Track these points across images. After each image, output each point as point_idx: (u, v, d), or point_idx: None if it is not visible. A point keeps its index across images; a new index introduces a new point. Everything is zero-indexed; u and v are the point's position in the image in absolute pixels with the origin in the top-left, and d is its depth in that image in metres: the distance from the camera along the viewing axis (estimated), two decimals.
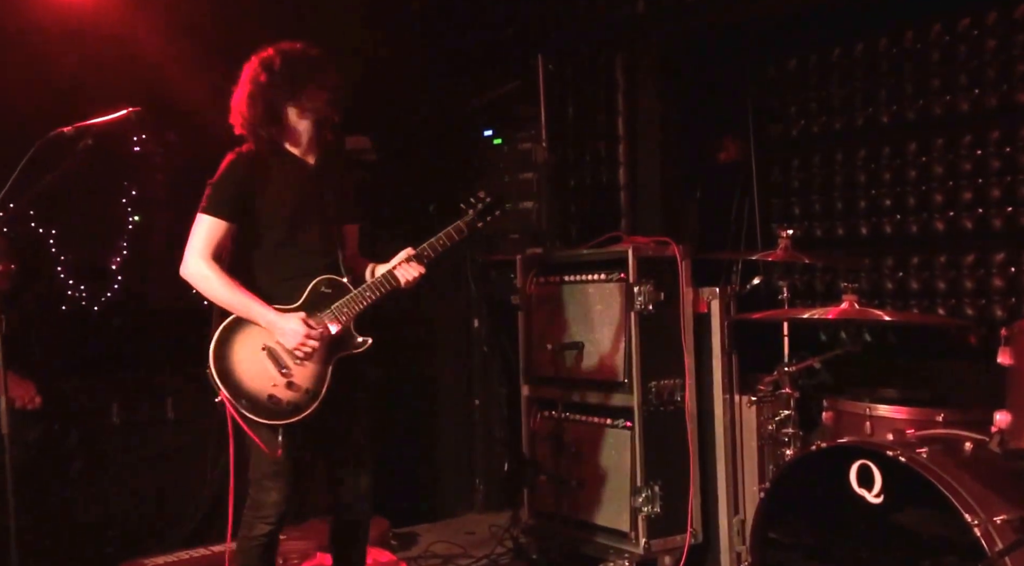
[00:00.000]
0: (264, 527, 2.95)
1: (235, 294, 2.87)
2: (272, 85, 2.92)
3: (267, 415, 2.86)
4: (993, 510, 2.51)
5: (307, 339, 2.87)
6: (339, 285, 2.98)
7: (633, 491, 3.81)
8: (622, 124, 4.56)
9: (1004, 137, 3.82)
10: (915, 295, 4.07)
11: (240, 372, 2.87)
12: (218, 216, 2.90)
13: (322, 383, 2.92)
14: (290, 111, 2.96)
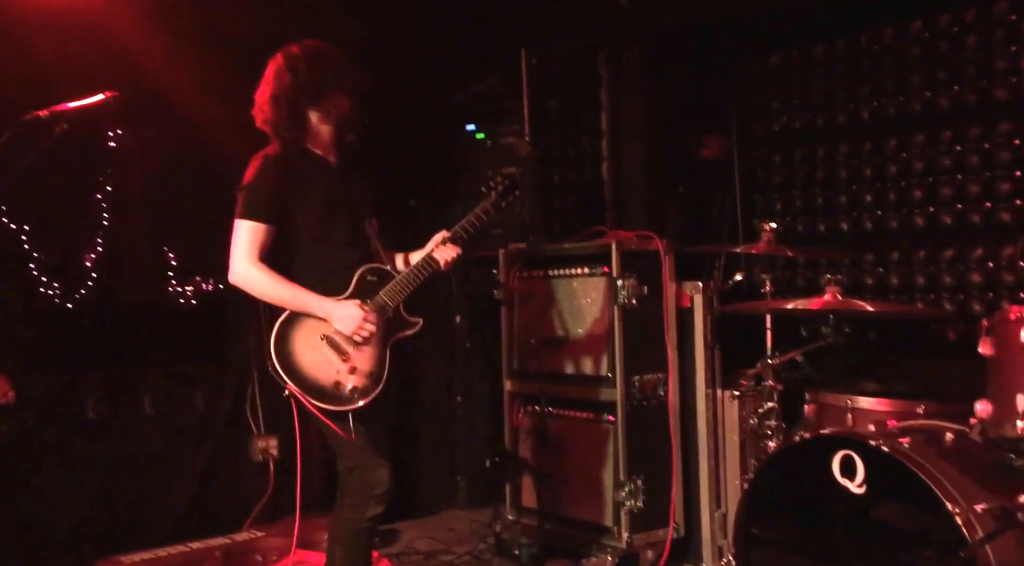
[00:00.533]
0: (378, 507, 2.98)
1: (289, 289, 2.93)
2: (296, 88, 2.97)
3: (336, 402, 2.91)
4: (974, 499, 2.53)
5: (365, 322, 2.93)
6: (383, 272, 3.07)
7: (616, 486, 3.81)
8: (606, 119, 4.57)
9: (983, 133, 3.86)
10: (895, 290, 4.11)
11: (304, 364, 2.91)
12: (257, 220, 2.92)
13: (383, 365, 3.00)
14: (312, 115, 3.03)
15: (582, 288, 3.97)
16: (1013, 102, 3.77)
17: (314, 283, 2.96)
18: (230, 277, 2.96)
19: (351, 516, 3.00)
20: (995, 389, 2.49)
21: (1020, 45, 3.73)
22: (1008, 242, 3.76)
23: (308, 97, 2.98)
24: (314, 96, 2.99)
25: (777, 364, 3.39)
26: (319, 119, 3.04)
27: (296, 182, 2.97)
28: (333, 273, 2.99)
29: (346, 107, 3.05)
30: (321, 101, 3.00)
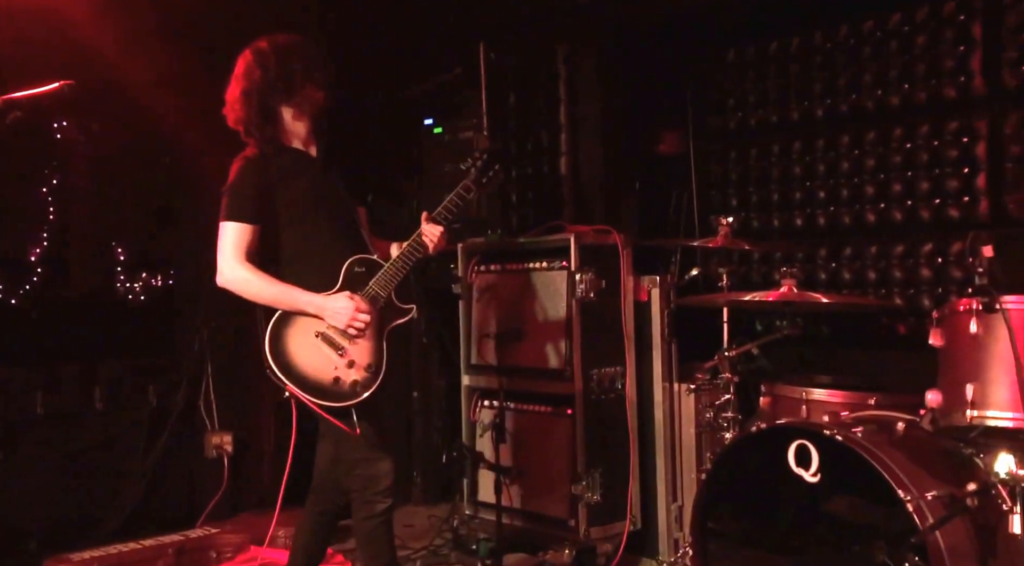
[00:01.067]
0: (385, 502, 2.96)
1: (278, 288, 2.89)
2: (266, 85, 2.92)
3: (337, 398, 2.87)
4: (924, 486, 2.58)
5: (358, 314, 2.89)
6: (371, 262, 3.03)
7: (574, 479, 3.83)
8: (564, 114, 4.57)
9: (932, 131, 3.94)
10: (847, 285, 4.17)
11: (300, 363, 2.87)
12: (241, 220, 2.89)
13: (381, 356, 2.96)
14: (285, 112, 2.99)
15: (540, 282, 3.98)
16: (961, 101, 3.86)
17: (304, 279, 2.93)
18: (218, 280, 2.91)
19: (362, 515, 2.97)
20: (945, 379, 2.55)
21: (968, 45, 3.82)
22: (956, 238, 3.84)
23: (279, 94, 2.93)
24: (286, 92, 2.94)
25: (733, 357, 3.43)
26: (293, 116, 3.00)
27: (277, 179, 2.93)
28: (322, 267, 2.95)
29: (320, 100, 3.00)
30: (294, 97, 2.96)
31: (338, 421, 2.85)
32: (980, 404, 2.42)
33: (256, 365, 4.74)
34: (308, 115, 3.02)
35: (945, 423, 2.52)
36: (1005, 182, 3.75)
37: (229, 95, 2.97)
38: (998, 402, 2.40)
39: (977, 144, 3.82)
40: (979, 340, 2.45)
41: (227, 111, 2.97)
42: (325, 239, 2.98)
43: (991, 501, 2.53)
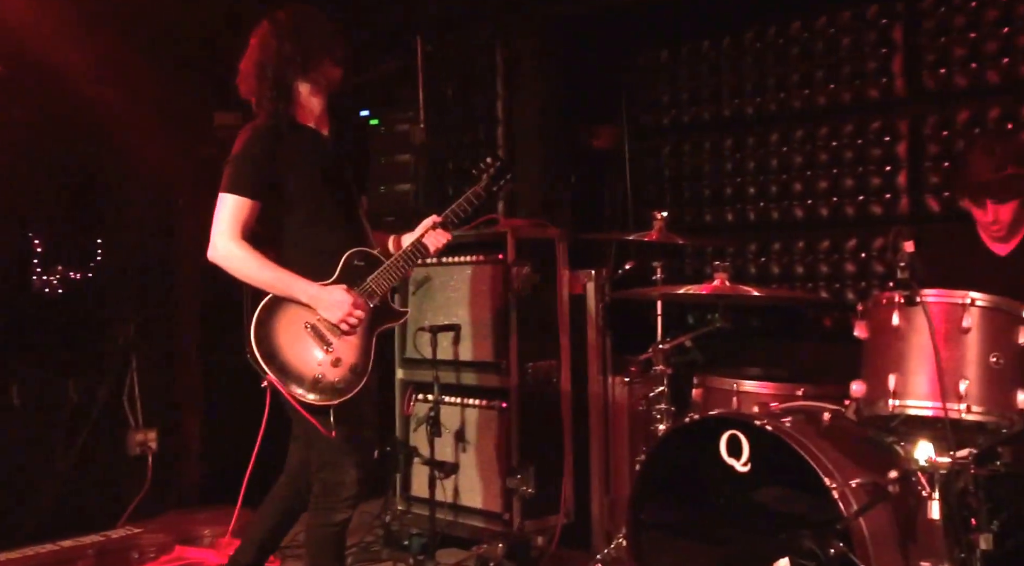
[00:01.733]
0: (347, 512, 2.85)
1: (273, 272, 2.75)
2: (283, 58, 2.79)
3: (317, 396, 2.74)
4: (849, 474, 2.66)
5: (354, 309, 2.77)
6: (371, 257, 2.91)
7: (508, 472, 3.84)
8: (501, 108, 4.59)
9: (856, 130, 4.06)
10: (776, 279, 4.28)
11: (285, 353, 2.73)
12: (243, 195, 2.74)
13: (368, 358, 2.84)
14: (301, 87, 2.86)
15: (476, 275, 3.98)
16: (883, 102, 3.98)
17: (301, 265, 2.79)
18: (210, 253, 2.76)
19: (318, 521, 2.86)
20: (869, 370, 2.61)
21: (890, 48, 3.94)
22: (879, 234, 3.97)
23: (296, 67, 2.80)
24: (303, 66, 2.81)
25: (667, 350, 3.47)
26: (309, 91, 2.86)
27: (288, 156, 2.79)
28: (322, 255, 2.82)
29: (337, 77, 2.89)
30: (310, 71, 2.83)
31: (314, 419, 2.73)
32: (901, 394, 2.49)
33: (184, 361, 4.70)
34: (324, 92, 2.89)
35: (869, 413, 2.58)
36: (925, 180, 3.88)
37: (243, 65, 2.84)
38: (918, 392, 2.47)
39: (898, 143, 3.95)
40: (900, 332, 2.52)
41: (239, 82, 2.85)
42: (328, 226, 2.85)
43: (912, 488, 2.61)
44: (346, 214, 2.91)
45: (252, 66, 2.82)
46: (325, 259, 2.82)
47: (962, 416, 2.42)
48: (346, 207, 2.91)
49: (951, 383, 2.43)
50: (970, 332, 2.46)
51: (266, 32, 2.83)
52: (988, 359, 2.45)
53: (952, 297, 2.50)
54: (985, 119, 3.72)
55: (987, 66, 3.71)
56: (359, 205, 2.99)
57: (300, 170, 2.82)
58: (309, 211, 2.83)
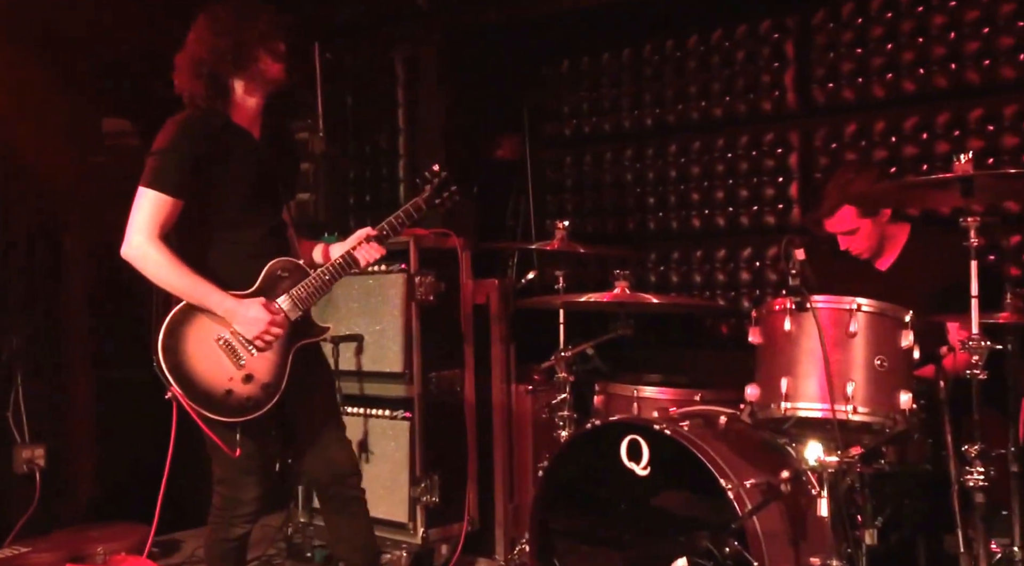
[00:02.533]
0: (244, 527, 2.74)
1: (188, 279, 2.59)
2: (217, 54, 2.64)
3: (224, 412, 2.61)
4: (744, 475, 2.73)
5: (271, 326, 2.64)
6: (296, 268, 2.76)
7: (412, 482, 3.82)
8: (402, 117, 4.57)
9: (751, 142, 4.18)
10: (675, 287, 4.37)
11: (193, 366, 2.59)
12: (164, 192, 2.58)
13: (282, 375, 2.69)
14: (236, 85, 2.71)
15: (379, 285, 3.95)
16: (776, 114, 4.12)
17: (221, 272, 2.65)
18: (123, 250, 2.60)
19: (217, 536, 2.77)
20: (762, 375, 2.69)
21: (782, 62, 4.08)
22: (772, 243, 4.09)
23: (230, 65, 2.65)
24: (237, 63, 2.65)
25: (569, 357, 3.51)
26: (244, 89, 2.71)
27: (216, 155, 2.64)
28: (245, 263, 2.69)
29: (277, 75, 2.73)
30: (247, 68, 2.67)
31: (217, 438, 2.63)
32: (793, 396, 2.57)
33: (74, 374, 4.51)
34: (261, 91, 2.74)
35: (763, 415, 2.66)
36: (815, 191, 4.02)
37: (178, 59, 2.69)
38: (808, 394, 2.56)
39: (790, 155, 4.09)
40: (792, 337, 2.61)
41: (174, 75, 2.69)
42: (252, 233, 2.71)
43: (802, 487, 2.71)
44: (272, 221, 2.79)
45: (187, 61, 2.68)
46: (247, 267, 2.70)
47: (849, 417, 2.51)
48: (273, 214, 2.79)
49: (839, 385, 2.52)
50: (856, 336, 2.56)
51: (202, 25, 2.70)
52: (873, 362, 2.55)
53: (840, 303, 2.60)
54: (871, 131, 3.88)
55: (873, 81, 3.87)
56: (285, 214, 2.86)
57: (227, 171, 2.67)
58: (233, 215, 2.70)
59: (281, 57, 2.74)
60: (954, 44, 3.67)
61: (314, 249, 2.94)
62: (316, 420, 2.87)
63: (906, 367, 2.60)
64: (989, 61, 3.59)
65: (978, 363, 2.47)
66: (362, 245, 2.82)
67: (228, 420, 2.64)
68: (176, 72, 2.71)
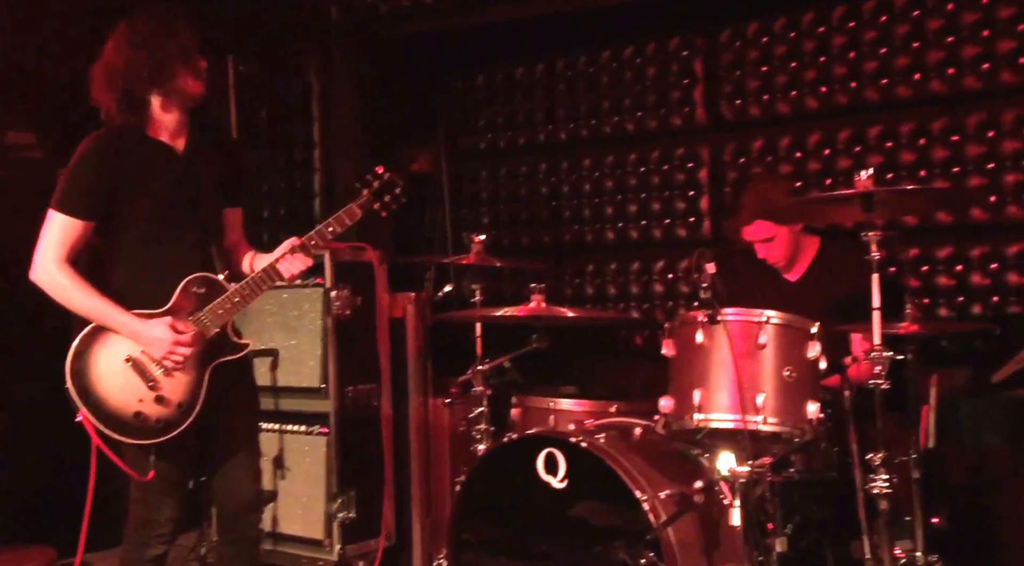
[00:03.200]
0: (160, 547, 2.65)
1: (93, 301, 2.54)
2: (134, 68, 2.54)
3: (134, 434, 2.54)
4: (658, 486, 2.77)
5: (176, 347, 2.55)
6: (213, 283, 2.67)
7: (328, 498, 3.77)
8: (318, 130, 4.53)
9: (662, 156, 4.27)
10: (591, 299, 4.43)
11: (102, 388, 2.54)
12: (73, 214, 2.53)
13: (197, 395, 2.61)
14: (153, 99, 2.61)
15: (294, 300, 3.89)
16: (686, 129, 4.22)
17: (134, 290, 2.59)
18: (31, 274, 2.54)
19: (131, 556, 2.68)
20: (675, 386, 2.74)
21: (692, 79, 4.18)
22: (684, 256, 4.18)
23: (145, 80, 2.56)
24: (154, 78, 2.56)
25: (486, 371, 3.52)
26: (161, 104, 2.62)
27: (127, 171, 2.57)
28: (158, 279, 2.61)
29: (195, 91, 2.64)
30: (163, 84, 2.58)
31: (126, 463, 2.57)
32: (705, 408, 2.61)
33: None
34: (179, 106, 2.64)
35: (676, 427, 2.70)
36: (724, 204, 4.14)
37: (94, 70, 2.60)
38: (720, 405, 2.61)
39: (700, 170, 4.19)
40: (704, 349, 2.65)
41: (91, 86, 2.61)
42: (167, 249, 2.64)
43: (715, 497, 2.77)
44: (194, 236, 2.69)
45: (102, 72, 2.60)
46: (162, 283, 2.63)
47: (759, 427, 2.57)
48: (195, 228, 2.70)
49: (749, 397, 2.58)
50: (766, 348, 2.62)
51: (120, 37, 2.61)
52: (782, 373, 2.61)
53: (749, 315, 2.66)
54: (777, 147, 4.00)
55: (778, 98, 3.99)
56: (211, 227, 2.75)
57: (140, 187, 2.60)
58: (147, 231, 2.63)
59: (201, 74, 2.68)
60: (853, 63, 3.81)
61: (244, 259, 2.87)
62: (232, 445, 2.81)
63: (813, 377, 2.67)
64: (886, 80, 3.74)
65: (881, 373, 2.56)
66: (286, 256, 2.72)
67: (138, 443, 2.58)
68: (92, 83, 2.64)
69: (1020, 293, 3.56)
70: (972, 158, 3.60)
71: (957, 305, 3.67)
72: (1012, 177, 3.53)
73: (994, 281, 3.60)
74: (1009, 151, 3.54)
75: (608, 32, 4.33)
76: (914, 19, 3.68)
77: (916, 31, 3.68)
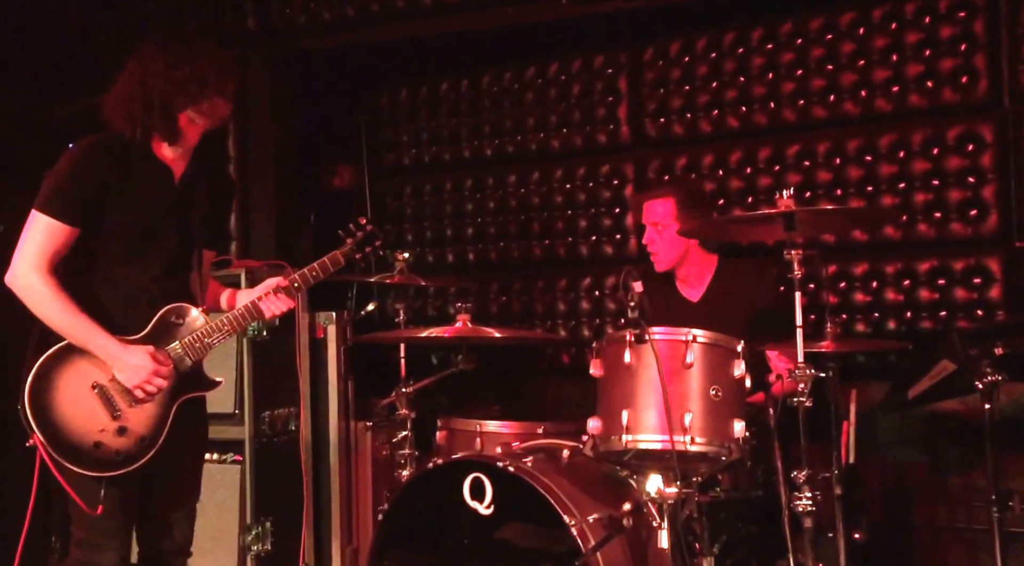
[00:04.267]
0: None
1: (73, 317, 2.40)
2: (172, 86, 2.45)
3: (90, 465, 2.39)
4: (587, 510, 2.72)
5: (154, 377, 2.42)
6: (191, 315, 2.55)
7: (242, 529, 3.62)
8: (232, 144, 4.39)
9: (588, 173, 4.26)
10: (518, 317, 4.38)
11: (62, 413, 2.39)
12: (60, 219, 2.39)
13: (161, 429, 2.47)
14: (184, 117, 2.51)
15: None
16: (611, 146, 4.21)
17: (109, 311, 2.45)
18: (7, 278, 2.39)
19: None
20: (603, 407, 2.69)
21: (616, 96, 4.18)
22: (611, 273, 4.16)
23: (186, 97, 2.48)
24: (194, 96, 2.49)
25: (410, 393, 3.43)
26: (189, 122, 2.53)
27: (123, 182, 2.45)
28: (133, 303, 2.49)
29: (224, 114, 2.60)
30: (200, 103, 2.51)
31: (75, 493, 2.41)
32: (633, 428, 2.57)
33: None
34: (206, 126, 2.58)
35: (604, 448, 2.66)
36: None
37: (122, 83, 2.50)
38: (648, 426, 2.57)
39: (625, 186, 4.18)
40: (632, 369, 2.62)
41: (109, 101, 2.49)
42: (146, 272, 2.51)
43: (644, 519, 2.72)
44: (175, 263, 2.59)
45: (135, 84, 2.48)
46: (138, 309, 2.51)
47: (687, 447, 2.54)
48: (176, 256, 2.59)
49: (677, 417, 2.54)
50: (692, 367, 2.59)
51: (149, 59, 2.51)
52: (709, 392, 2.59)
53: (676, 334, 2.63)
54: (700, 164, 4.02)
55: (700, 116, 4.02)
56: (192, 258, 2.65)
57: (130, 202, 2.49)
58: (130, 250, 2.51)
59: (231, 97, 2.61)
60: (772, 84, 3.87)
61: (221, 295, 2.77)
62: (177, 484, 2.68)
63: (739, 396, 2.66)
64: (803, 101, 3.81)
65: (804, 391, 2.56)
66: (269, 296, 2.64)
67: (93, 474, 2.43)
68: (118, 99, 2.51)
69: (931, 309, 3.64)
70: (885, 177, 3.69)
71: (873, 321, 3.72)
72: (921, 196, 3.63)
73: (907, 297, 3.67)
74: (919, 171, 3.63)
75: (533, 49, 4.31)
76: (828, 42, 3.76)
77: (830, 54, 3.76)
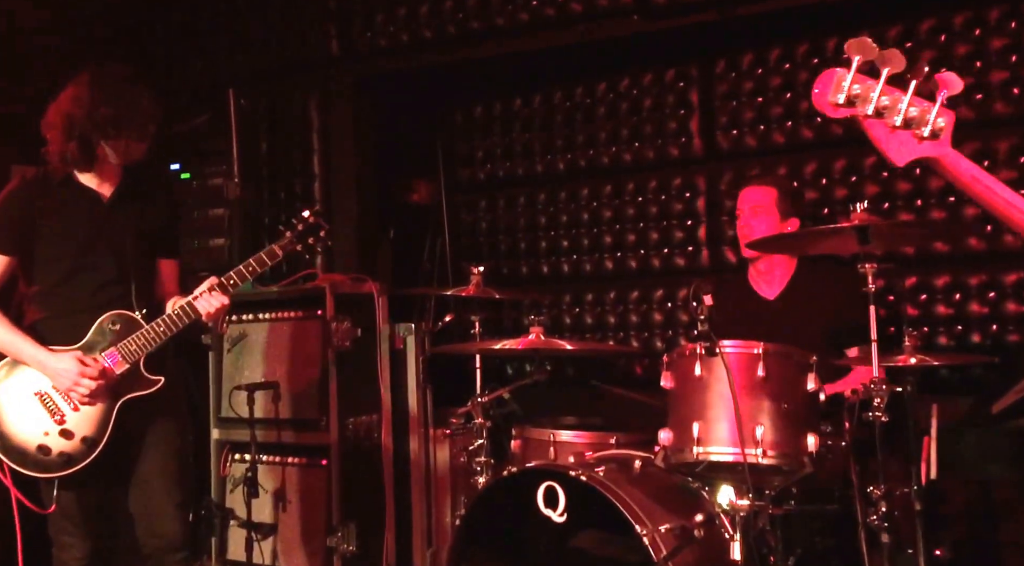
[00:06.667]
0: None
1: (7, 336, 2.70)
2: (93, 120, 2.68)
3: (35, 468, 2.63)
4: (659, 520, 2.76)
5: (81, 379, 2.64)
6: (129, 320, 2.78)
7: (329, 531, 3.77)
8: (317, 162, 4.56)
9: (660, 186, 4.30)
10: (590, 329, 4.44)
11: (9, 420, 2.65)
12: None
13: (104, 429, 2.69)
14: (103, 150, 2.75)
15: (295, 331, 3.91)
16: (683, 159, 4.24)
17: (51, 326, 2.72)
18: None
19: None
20: (675, 419, 2.74)
21: (687, 109, 4.22)
22: (683, 284, 4.20)
23: (104, 133, 2.71)
24: (112, 133, 2.72)
25: (485, 402, 3.52)
26: (106, 156, 2.76)
27: (50, 211, 2.73)
28: (72, 316, 2.74)
29: (141, 151, 2.82)
30: (117, 140, 2.74)
31: (21, 494, 2.64)
32: (705, 441, 2.62)
33: None
34: (121, 161, 2.81)
35: (676, 459, 2.71)
36: (722, 233, 4.16)
37: (51, 111, 2.74)
38: (719, 438, 2.62)
39: (698, 199, 4.21)
40: (703, 382, 2.66)
41: (44, 127, 2.74)
42: (83, 288, 2.76)
43: (715, 530, 2.76)
44: (110, 277, 2.79)
45: (60, 115, 2.72)
46: (78, 320, 2.75)
47: (759, 461, 2.58)
48: (112, 270, 2.80)
49: (748, 430, 2.58)
50: (764, 381, 2.63)
51: (84, 88, 2.72)
52: (781, 406, 2.63)
53: (747, 347, 2.67)
54: None
55: (773, 128, 4.03)
56: (131, 269, 2.83)
57: (61, 228, 2.76)
58: (66, 270, 2.76)
59: (148, 138, 2.81)
60: None
61: (170, 302, 2.91)
62: (154, 484, 2.85)
63: (812, 409, 2.68)
64: None
65: (880, 405, 2.57)
66: (204, 295, 2.79)
67: (39, 476, 2.66)
68: (47, 118, 2.76)
69: (1019, 322, 3.58)
70: None
71: (956, 334, 3.68)
72: None
73: (992, 310, 3.61)
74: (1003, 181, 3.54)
75: (604, 64, 4.36)
76: (907, 50, 3.72)
77: None
